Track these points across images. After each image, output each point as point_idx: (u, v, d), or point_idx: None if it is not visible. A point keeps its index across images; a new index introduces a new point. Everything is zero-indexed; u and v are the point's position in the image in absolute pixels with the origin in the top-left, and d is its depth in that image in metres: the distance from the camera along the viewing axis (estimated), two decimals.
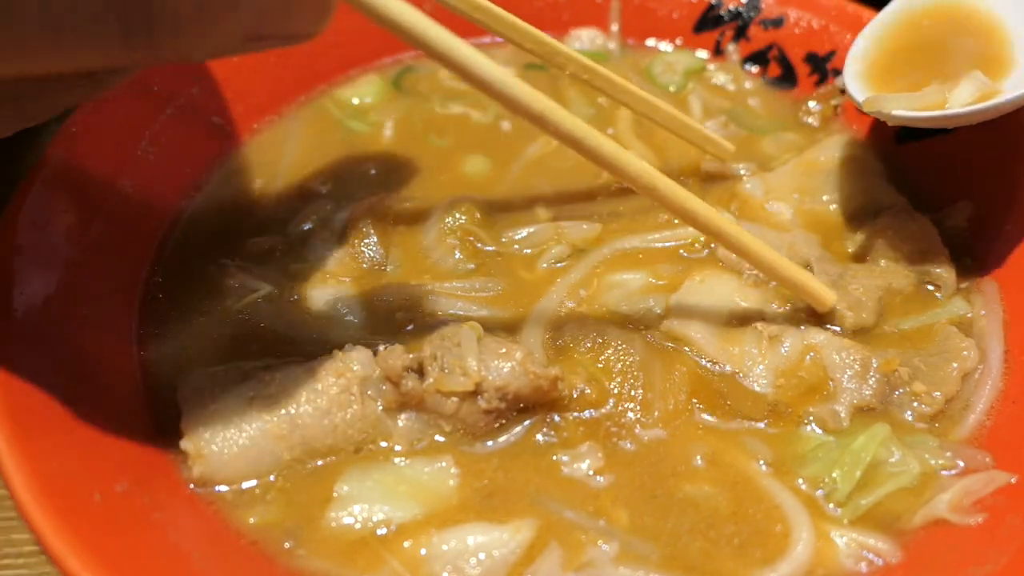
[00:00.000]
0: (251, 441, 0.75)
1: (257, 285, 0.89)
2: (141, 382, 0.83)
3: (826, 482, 0.77)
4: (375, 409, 0.77)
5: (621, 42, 1.22)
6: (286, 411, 0.76)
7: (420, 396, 0.76)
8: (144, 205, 0.94)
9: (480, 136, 1.09)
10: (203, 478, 0.74)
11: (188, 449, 0.74)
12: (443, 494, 0.75)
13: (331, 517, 0.73)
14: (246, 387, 0.77)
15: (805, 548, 0.73)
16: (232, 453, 0.74)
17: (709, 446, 0.79)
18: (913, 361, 0.84)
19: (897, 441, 0.78)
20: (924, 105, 0.84)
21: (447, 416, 0.77)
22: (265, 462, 0.75)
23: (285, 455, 0.75)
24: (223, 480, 0.75)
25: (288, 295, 0.89)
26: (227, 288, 0.89)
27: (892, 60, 0.91)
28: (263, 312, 0.88)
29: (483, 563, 0.71)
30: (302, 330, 0.86)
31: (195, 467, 0.74)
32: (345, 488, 0.75)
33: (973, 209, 0.96)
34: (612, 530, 0.74)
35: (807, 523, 0.74)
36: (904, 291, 0.90)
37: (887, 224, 0.95)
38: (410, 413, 0.78)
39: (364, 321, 0.88)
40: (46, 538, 0.63)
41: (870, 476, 0.77)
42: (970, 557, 0.72)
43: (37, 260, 0.81)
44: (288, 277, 0.91)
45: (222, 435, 0.74)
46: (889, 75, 0.91)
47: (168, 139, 0.98)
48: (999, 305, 0.90)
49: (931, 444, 0.79)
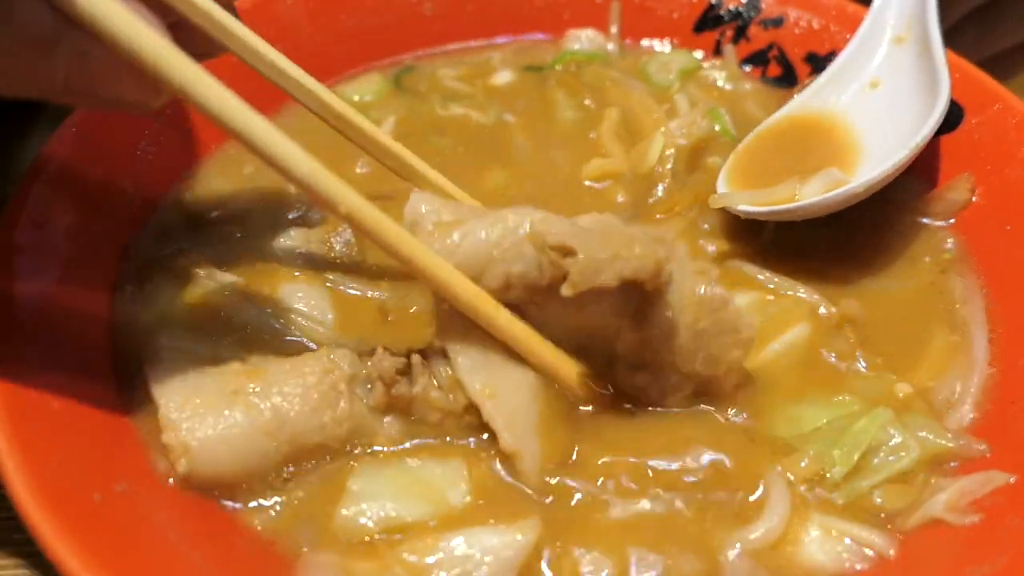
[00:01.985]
0: (238, 436, 0.72)
1: (228, 279, 0.88)
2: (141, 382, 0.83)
3: (824, 463, 0.77)
4: (363, 408, 0.77)
5: (620, 42, 1.22)
6: (273, 407, 0.73)
7: (409, 401, 0.76)
8: (144, 205, 0.94)
9: (479, 136, 1.09)
10: (189, 474, 0.71)
11: (172, 444, 0.71)
12: (453, 496, 0.75)
13: (340, 515, 0.73)
14: (226, 380, 0.75)
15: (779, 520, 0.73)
16: (219, 449, 0.71)
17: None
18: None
19: (899, 424, 0.79)
20: (772, 200, 0.92)
21: (432, 424, 0.77)
22: (253, 459, 0.73)
23: (273, 452, 0.73)
24: (210, 477, 0.72)
25: (260, 289, 0.89)
26: (198, 280, 0.88)
27: (763, 162, 1.00)
28: (235, 306, 0.86)
29: (490, 564, 0.70)
30: (274, 324, 0.85)
31: (180, 463, 0.71)
32: (357, 486, 0.74)
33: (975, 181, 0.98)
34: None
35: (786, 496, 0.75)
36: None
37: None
38: (393, 416, 0.78)
39: (338, 318, 0.87)
40: (46, 538, 0.62)
41: (869, 458, 0.77)
42: (968, 557, 0.72)
43: (37, 259, 0.81)
44: (261, 272, 0.91)
45: (206, 430, 0.71)
46: (760, 175, 0.97)
47: (168, 139, 0.98)
48: (979, 293, 0.92)
49: (933, 428, 0.80)
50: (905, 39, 1.03)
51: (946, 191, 0.99)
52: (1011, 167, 0.96)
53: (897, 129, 0.98)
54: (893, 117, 1.00)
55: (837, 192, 0.90)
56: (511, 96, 1.14)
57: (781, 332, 0.87)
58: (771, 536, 0.73)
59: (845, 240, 0.97)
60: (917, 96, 0.99)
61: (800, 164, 0.97)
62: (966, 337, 0.89)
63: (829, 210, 0.93)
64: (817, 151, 0.99)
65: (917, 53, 1.01)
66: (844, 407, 0.81)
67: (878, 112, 1.02)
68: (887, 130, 0.99)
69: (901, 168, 0.93)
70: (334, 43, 1.13)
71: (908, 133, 0.95)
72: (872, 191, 0.92)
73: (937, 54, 0.98)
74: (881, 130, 1.00)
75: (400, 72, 1.17)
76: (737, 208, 0.93)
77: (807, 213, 0.93)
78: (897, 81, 1.03)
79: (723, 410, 0.81)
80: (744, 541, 0.72)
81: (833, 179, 0.92)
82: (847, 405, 0.81)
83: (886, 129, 0.99)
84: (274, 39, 1.07)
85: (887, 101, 1.02)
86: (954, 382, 0.85)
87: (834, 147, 1.00)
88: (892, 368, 0.86)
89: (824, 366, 0.85)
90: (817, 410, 0.81)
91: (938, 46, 0.98)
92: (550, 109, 1.12)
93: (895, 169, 0.92)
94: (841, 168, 0.95)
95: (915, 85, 1.00)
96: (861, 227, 0.98)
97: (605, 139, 1.08)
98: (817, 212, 0.93)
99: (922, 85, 0.99)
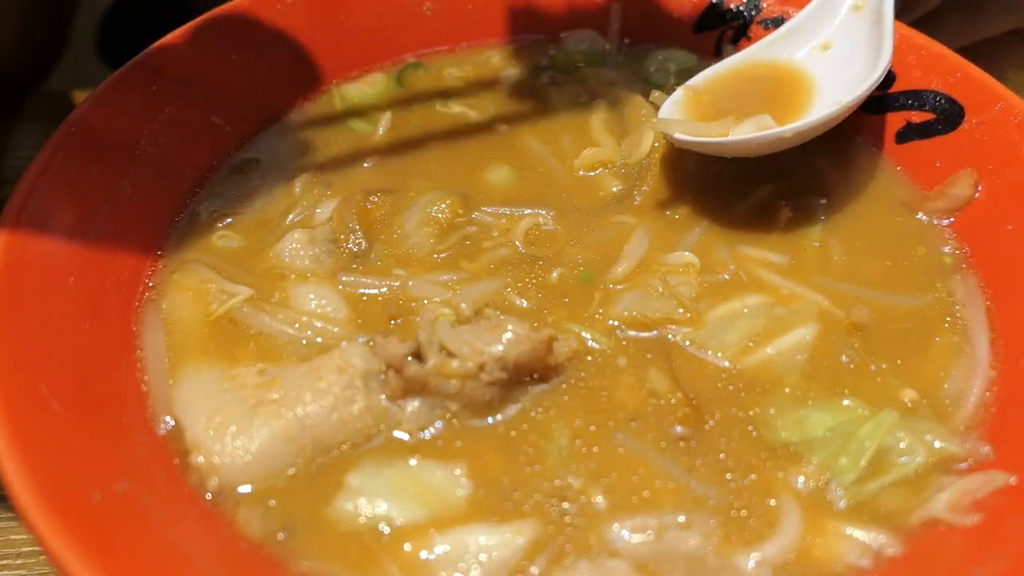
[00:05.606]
0: (263, 447, 0.75)
1: (237, 289, 0.89)
2: (141, 382, 0.82)
3: (832, 468, 0.77)
4: (380, 400, 0.78)
5: (620, 43, 1.22)
6: (293, 414, 0.76)
7: (424, 380, 0.77)
8: (144, 205, 0.94)
9: (478, 134, 1.09)
10: (221, 489, 0.74)
11: (201, 464, 0.74)
12: (450, 501, 0.75)
13: (336, 508, 0.74)
14: (246, 394, 0.77)
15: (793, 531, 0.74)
16: (246, 462, 0.75)
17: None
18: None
19: (905, 428, 0.79)
20: (707, 133, 0.96)
21: (452, 395, 0.78)
22: (279, 466, 0.76)
23: (298, 457, 0.76)
24: (239, 486, 0.75)
25: (271, 295, 0.89)
26: (210, 293, 0.89)
27: (710, 102, 1.03)
28: (248, 315, 0.87)
29: (484, 564, 0.71)
30: (288, 330, 0.86)
31: (210, 480, 0.74)
32: (355, 481, 0.75)
33: (977, 176, 0.98)
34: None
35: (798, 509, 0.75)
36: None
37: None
38: (415, 399, 0.78)
39: (350, 315, 0.88)
40: (45, 538, 0.62)
41: (876, 463, 0.77)
42: (971, 557, 0.72)
43: (37, 259, 0.81)
44: (270, 277, 0.91)
45: (233, 445, 0.75)
46: (708, 109, 1.02)
47: (168, 139, 0.98)
48: (980, 295, 0.92)
49: (938, 431, 0.80)
50: (862, 7, 1.06)
51: (948, 187, 0.99)
52: (1012, 167, 0.95)
53: (839, 89, 1.00)
54: (840, 78, 1.02)
55: (765, 134, 0.94)
56: (510, 95, 1.14)
57: (785, 333, 0.87)
58: (783, 554, 0.73)
59: (846, 241, 0.97)
60: (864, 61, 1.02)
61: (747, 108, 0.99)
62: (968, 339, 0.89)
63: (757, 151, 0.97)
64: (767, 99, 1.03)
65: (871, 21, 1.04)
66: (849, 412, 0.81)
67: (829, 71, 1.04)
68: (834, 88, 1.01)
69: (829, 123, 0.96)
70: (334, 43, 1.13)
71: (845, 93, 0.97)
72: (801, 139, 0.96)
73: (887, 23, 1.01)
74: (829, 87, 1.02)
75: (401, 71, 1.17)
76: (673, 136, 0.97)
77: (735, 151, 0.98)
78: (847, 44, 1.05)
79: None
80: (754, 557, 0.73)
81: (764, 124, 0.96)
82: (852, 410, 0.81)
83: (834, 87, 1.01)
84: (274, 39, 1.09)
85: (837, 62, 1.05)
86: (956, 384, 0.85)
87: (783, 98, 1.03)
88: (895, 371, 0.86)
89: (828, 369, 0.85)
90: (822, 414, 0.81)
91: (889, 16, 1.01)
92: (547, 107, 1.12)
93: (820, 123, 0.95)
94: (788, 119, 0.98)
95: (864, 51, 1.03)
96: (861, 227, 0.98)
97: (595, 130, 1.09)
98: (745, 151, 0.97)
99: (871, 51, 1.02)
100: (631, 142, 1.05)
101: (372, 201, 0.98)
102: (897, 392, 0.83)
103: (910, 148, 1.04)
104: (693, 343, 0.86)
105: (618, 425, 0.80)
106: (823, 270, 0.94)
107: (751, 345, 0.86)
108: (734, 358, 0.85)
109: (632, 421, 0.80)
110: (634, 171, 1.03)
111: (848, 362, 0.85)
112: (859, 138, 1.08)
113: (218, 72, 1.05)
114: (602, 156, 1.04)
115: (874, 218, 0.99)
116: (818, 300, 0.90)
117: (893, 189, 1.03)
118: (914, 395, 0.83)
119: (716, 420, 0.81)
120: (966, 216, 0.98)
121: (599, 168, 1.04)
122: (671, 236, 0.96)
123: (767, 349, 0.85)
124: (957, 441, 0.79)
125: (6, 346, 0.73)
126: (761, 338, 0.86)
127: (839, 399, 0.82)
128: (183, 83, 1.01)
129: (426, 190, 0.99)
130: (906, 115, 1.04)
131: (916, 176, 1.03)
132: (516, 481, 0.76)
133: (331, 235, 0.93)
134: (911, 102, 1.04)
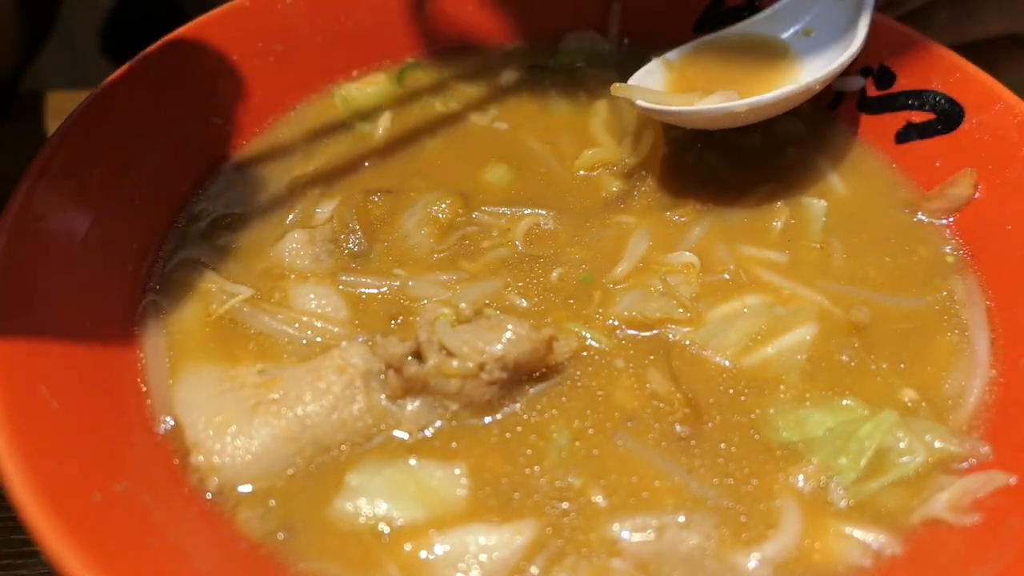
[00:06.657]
0: (263, 447, 0.75)
1: (237, 289, 0.89)
2: (141, 382, 0.83)
3: (832, 468, 0.77)
4: (380, 400, 0.78)
5: (620, 43, 1.22)
6: (293, 413, 0.77)
7: (424, 379, 0.77)
8: (144, 205, 0.94)
9: (478, 133, 1.09)
10: (221, 489, 0.75)
11: (201, 464, 0.75)
12: (449, 501, 0.75)
13: (336, 508, 0.74)
14: (246, 394, 0.78)
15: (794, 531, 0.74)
16: (246, 461, 0.75)
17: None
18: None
19: (905, 428, 0.79)
20: (667, 103, 0.97)
21: (452, 395, 0.78)
22: (279, 466, 0.76)
23: (298, 457, 0.76)
24: (239, 485, 0.75)
25: (271, 296, 0.89)
26: (210, 293, 0.89)
27: (695, 72, 1.05)
28: (248, 315, 0.87)
29: (483, 564, 0.71)
30: (288, 330, 0.86)
31: (210, 480, 0.74)
32: (355, 481, 0.75)
33: (977, 176, 0.98)
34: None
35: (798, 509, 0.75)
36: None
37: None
38: (415, 399, 0.79)
39: (350, 315, 0.88)
40: (45, 538, 0.62)
41: (876, 463, 0.77)
42: (971, 557, 0.72)
43: (37, 259, 0.81)
44: (270, 278, 0.91)
45: (233, 445, 0.75)
46: (685, 83, 1.03)
47: (168, 139, 0.98)
48: (980, 295, 0.92)
49: (938, 431, 0.80)
50: None
51: (948, 187, 0.99)
52: (1012, 167, 0.95)
53: (815, 73, 1.00)
54: (815, 63, 1.03)
55: (720, 106, 0.95)
56: (510, 95, 1.14)
57: (785, 333, 0.87)
58: (784, 554, 0.73)
59: (846, 241, 0.97)
60: (839, 49, 1.02)
61: (720, 84, 1.00)
62: (968, 339, 0.89)
63: (714, 124, 1.00)
64: (744, 77, 1.03)
65: (852, 10, 1.04)
66: (849, 411, 0.81)
67: (809, 55, 1.05)
68: (812, 72, 1.02)
69: (788, 102, 0.97)
70: (334, 43, 1.13)
71: (812, 74, 0.99)
72: (757, 116, 0.98)
73: (865, 11, 1.01)
74: (807, 72, 1.03)
75: (401, 71, 1.17)
76: (636, 102, 0.98)
77: (693, 122, 1.00)
78: (827, 31, 1.05)
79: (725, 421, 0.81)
80: (755, 557, 0.73)
81: (730, 99, 0.96)
82: (852, 410, 0.81)
83: (813, 71, 1.02)
84: (274, 39, 1.09)
85: (816, 48, 1.05)
86: (957, 384, 0.85)
87: (759, 77, 1.04)
88: (895, 371, 0.86)
89: (828, 369, 0.85)
90: (823, 414, 0.81)
91: (869, 3, 1.01)
92: (547, 107, 1.12)
93: (776, 100, 0.95)
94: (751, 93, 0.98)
95: (841, 38, 1.03)
96: (861, 227, 0.98)
97: (595, 130, 1.09)
98: (704, 124, 1.00)
99: (848, 40, 1.02)
100: (631, 142, 1.05)
101: (372, 201, 0.98)
102: (897, 392, 0.84)
103: (910, 148, 1.04)
104: (693, 343, 0.86)
105: (618, 425, 0.80)
106: (823, 270, 0.94)
107: (751, 345, 0.86)
108: (734, 358, 0.85)
109: (632, 421, 0.80)
110: (634, 171, 1.03)
111: (848, 362, 0.86)
112: (859, 138, 1.08)
113: (218, 72, 1.05)
114: (602, 156, 1.05)
115: (874, 218, 1.00)
116: (818, 300, 0.90)
117: (893, 189, 1.03)
118: (914, 395, 0.83)
119: (716, 420, 0.81)
120: (966, 216, 0.98)
121: (599, 168, 1.04)
122: (671, 236, 0.96)
123: (767, 349, 0.86)
124: (957, 441, 0.79)
125: (6, 346, 0.73)
126: (761, 338, 0.86)
127: (839, 399, 0.82)
128: (183, 83, 1.01)
129: (426, 190, 1.00)
130: (906, 115, 1.04)
131: (916, 176, 1.03)
132: (516, 481, 0.76)
133: (331, 235, 0.94)
134: (911, 102, 1.04)
